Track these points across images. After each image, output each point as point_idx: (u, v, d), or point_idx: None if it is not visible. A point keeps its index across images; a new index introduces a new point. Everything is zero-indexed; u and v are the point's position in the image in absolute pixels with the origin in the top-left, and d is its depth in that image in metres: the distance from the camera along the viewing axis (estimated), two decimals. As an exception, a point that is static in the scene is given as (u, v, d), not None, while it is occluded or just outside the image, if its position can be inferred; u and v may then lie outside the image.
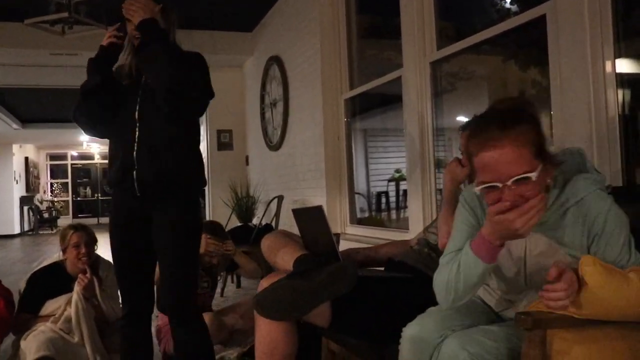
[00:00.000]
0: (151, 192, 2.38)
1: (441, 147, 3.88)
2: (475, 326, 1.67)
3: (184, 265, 2.42)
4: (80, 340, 2.96)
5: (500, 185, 1.45)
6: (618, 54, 2.40)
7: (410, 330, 1.72)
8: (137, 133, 2.36)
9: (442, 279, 1.64)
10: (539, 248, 1.62)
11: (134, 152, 2.35)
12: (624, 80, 2.42)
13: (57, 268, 3.21)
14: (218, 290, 4.32)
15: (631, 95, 2.45)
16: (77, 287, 3.04)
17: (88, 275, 3.07)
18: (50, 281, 3.16)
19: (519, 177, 1.43)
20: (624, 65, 2.43)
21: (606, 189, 1.61)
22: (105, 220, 19.97)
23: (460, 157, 2.26)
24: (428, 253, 2.41)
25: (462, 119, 4.32)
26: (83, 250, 3.14)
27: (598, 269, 1.40)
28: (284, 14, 6.24)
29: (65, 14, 4.64)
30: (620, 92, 2.41)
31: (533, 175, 1.43)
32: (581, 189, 1.57)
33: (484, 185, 1.48)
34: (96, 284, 3.12)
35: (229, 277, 6.00)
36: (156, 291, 2.57)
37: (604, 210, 1.52)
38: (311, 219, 2.26)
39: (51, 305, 3.09)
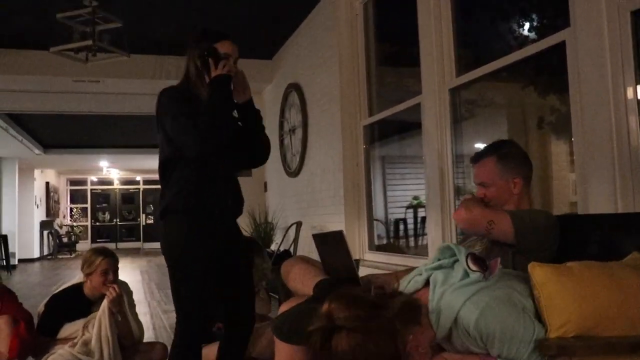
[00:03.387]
0: None
1: (460, 173, 3.87)
2: None
3: None
4: (99, 359, 2.96)
5: None
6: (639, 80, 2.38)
7: None
8: None
9: None
10: None
11: None
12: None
13: (76, 291, 3.22)
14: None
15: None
16: (105, 302, 3.05)
17: (117, 288, 3.08)
18: (69, 304, 3.17)
19: None
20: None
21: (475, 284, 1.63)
22: (123, 245, 20.07)
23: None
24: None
25: (482, 145, 4.31)
26: (111, 277, 3.15)
27: (543, 269, 1.62)
28: (303, 41, 6.31)
29: (89, 42, 4.75)
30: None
31: None
32: (449, 315, 1.61)
33: None
34: (125, 299, 3.14)
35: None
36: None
37: (472, 321, 1.57)
38: (332, 243, 2.26)
39: (69, 328, 3.10)
